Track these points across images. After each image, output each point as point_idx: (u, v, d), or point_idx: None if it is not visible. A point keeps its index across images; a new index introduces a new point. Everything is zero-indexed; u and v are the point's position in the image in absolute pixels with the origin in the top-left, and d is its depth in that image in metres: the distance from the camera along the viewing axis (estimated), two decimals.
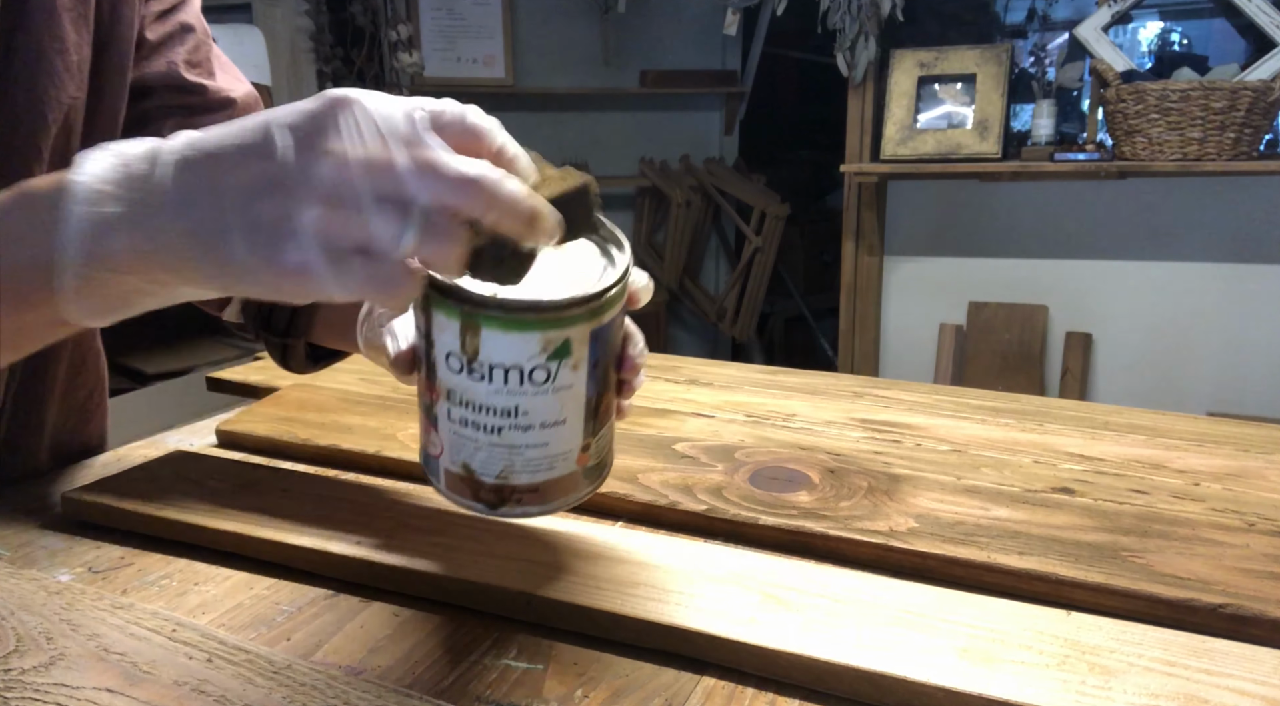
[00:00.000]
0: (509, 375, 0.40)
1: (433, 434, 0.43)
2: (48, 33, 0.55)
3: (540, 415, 0.41)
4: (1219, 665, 0.41)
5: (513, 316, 0.39)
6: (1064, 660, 0.41)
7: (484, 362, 0.39)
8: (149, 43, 0.64)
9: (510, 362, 0.39)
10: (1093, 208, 2.53)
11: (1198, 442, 0.71)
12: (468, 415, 0.41)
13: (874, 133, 2.59)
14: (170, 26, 0.65)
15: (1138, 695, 0.39)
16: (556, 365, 0.40)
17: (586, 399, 0.42)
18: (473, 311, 0.39)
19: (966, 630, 0.44)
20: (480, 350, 0.39)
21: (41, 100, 0.55)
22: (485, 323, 0.39)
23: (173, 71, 0.64)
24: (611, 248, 0.44)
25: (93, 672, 0.40)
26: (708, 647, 0.44)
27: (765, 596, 0.47)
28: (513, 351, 0.39)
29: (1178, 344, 2.52)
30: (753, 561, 0.51)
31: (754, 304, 3.35)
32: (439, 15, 3.29)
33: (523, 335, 0.39)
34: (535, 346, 0.39)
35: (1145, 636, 0.44)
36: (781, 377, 0.90)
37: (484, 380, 0.40)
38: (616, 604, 0.46)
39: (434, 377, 0.41)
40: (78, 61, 0.57)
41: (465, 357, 0.40)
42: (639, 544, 0.53)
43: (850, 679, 0.41)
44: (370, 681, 0.41)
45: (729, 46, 3.55)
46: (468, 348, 0.39)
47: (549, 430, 0.42)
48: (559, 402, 0.41)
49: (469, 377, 0.40)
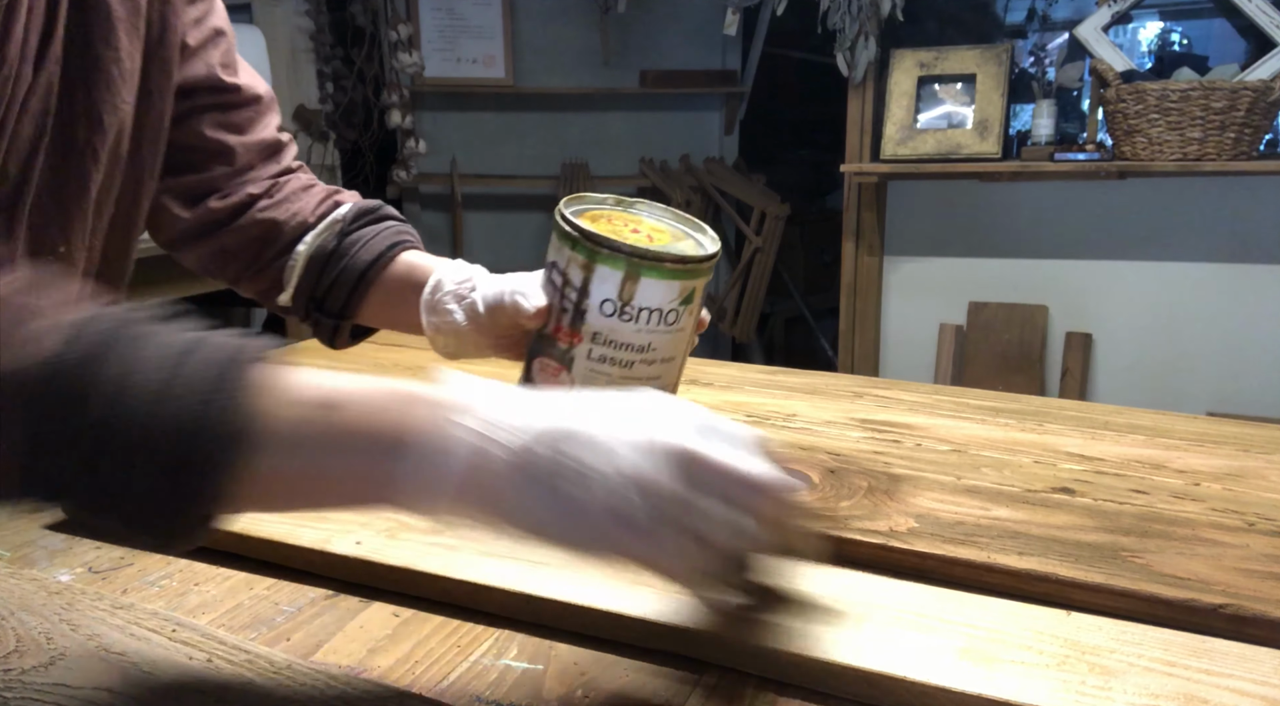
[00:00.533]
0: (652, 316, 0.51)
1: (563, 374, 0.53)
2: (103, 41, 0.58)
3: (662, 351, 0.53)
4: (1219, 665, 0.41)
5: (666, 267, 0.50)
6: (1064, 660, 0.42)
7: (636, 306, 0.51)
8: (189, 47, 0.68)
9: (655, 304, 0.51)
10: (1093, 208, 2.53)
11: (1198, 442, 0.71)
12: (608, 352, 0.52)
13: (874, 133, 2.59)
14: (206, 31, 0.69)
15: (1138, 695, 0.39)
16: (683, 308, 0.52)
17: (689, 341, 0.55)
18: (639, 263, 0.50)
19: (966, 630, 0.44)
20: (635, 295, 0.51)
21: (98, 105, 0.58)
22: (645, 272, 0.50)
23: (211, 74, 0.69)
24: (691, 226, 0.57)
25: (93, 672, 0.40)
26: (708, 647, 0.44)
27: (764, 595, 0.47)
28: (659, 296, 0.51)
29: (1178, 344, 2.52)
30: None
31: (754, 304, 3.35)
32: (439, 15, 3.29)
33: (669, 283, 0.51)
34: (676, 292, 0.51)
35: (1145, 636, 0.44)
36: (781, 377, 0.90)
37: (632, 321, 0.51)
38: (616, 604, 0.46)
39: (580, 323, 0.52)
40: (130, 69, 0.60)
41: (620, 302, 0.51)
42: None
43: (850, 679, 0.41)
44: (370, 681, 0.41)
45: (729, 46, 3.54)
46: (625, 294, 0.51)
47: (664, 365, 0.53)
48: (675, 342, 0.53)
49: (619, 319, 0.51)
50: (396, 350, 1.01)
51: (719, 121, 3.69)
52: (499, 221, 3.60)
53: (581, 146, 3.57)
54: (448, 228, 3.47)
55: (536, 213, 3.59)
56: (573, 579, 0.48)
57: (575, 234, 0.51)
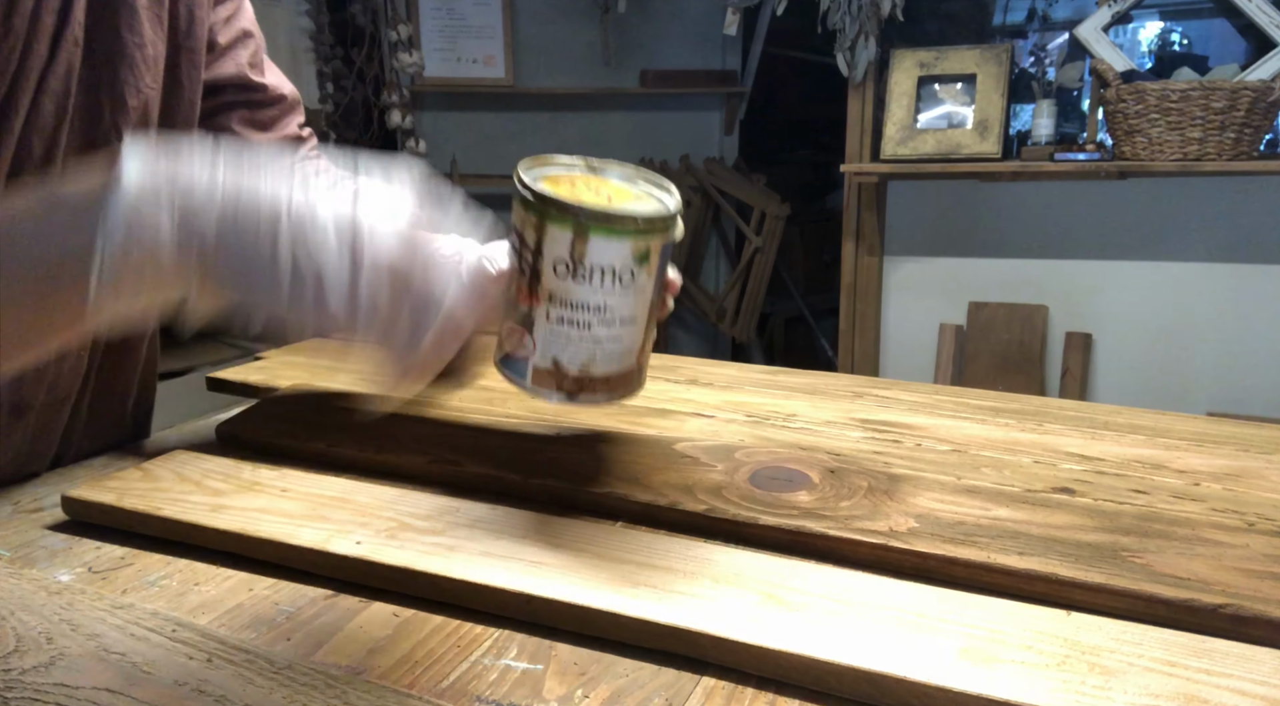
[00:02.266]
0: (605, 276, 0.51)
1: (525, 337, 0.53)
2: (127, 26, 0.62)
3: (620, 310, 0.52)
4: (1219, 665, 0.41)
5: (614, 225, 0.50)
6: (1064, 660, 0.41)
7: (588, 265, 0.50)
8: (219, 46, 0.72)
9: (608, 263, 0.50)
10: (1093, 208, 2.53)
11: (1198, 442, 0.71)
12: (565, 313, 0.52)
13: (874, 133, 2.59)
14: (235, 32, 0.74)
15: (1138, 695, 0.39)
16: (639, 268, 0.51)
17: (650, 303, 0.54)
18: (586, 221, 0.49)
19: (967, 630, 0.44)
20: (587, 254, 0.50)
21: (121, 86, 0.63)
22: (594, 230, 0.50)
23: (240, 72, 0.74)
24: (658, 188, 0.57)
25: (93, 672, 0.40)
26: (708, 647, 0.44)
27: (765, 596, 0.47)
28: (611, 254, 0.50)
29: (1178, 344, 2.52)
30: (753, 561, 0.51)
31: (754, 304, 3.35)
32: (439, 15, 3.29)
33: (620, 241, 0.50)
34: (628, 250, 0.51)
35: (1145, 636, 0.44)
36: (781, 377, 0.90)
37: (585, 280, 0.51)
38: (616, 604, 0.46)
39: (538, 285, 0.52)
40: (153, 55, 0.65)
41: (573, 262, 0.50)
42: (639, 544, 0.53)
43: (850, 679, 0.41)
44: (370, 681, 0.41)
45: (729, 46, 3.54)
46: (575, 253, 0.50)
47: (625, 327, 0.53)
48: (635, 302, 0.53)
49: (572, 280, 0.51)
50: None
51: (719, 121, 3.69)
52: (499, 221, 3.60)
53: (581, 146, 3.56)
54: None
55: None
56: (573, 579, 0.48)
57: (527, 194, 0.51)
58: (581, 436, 0.70)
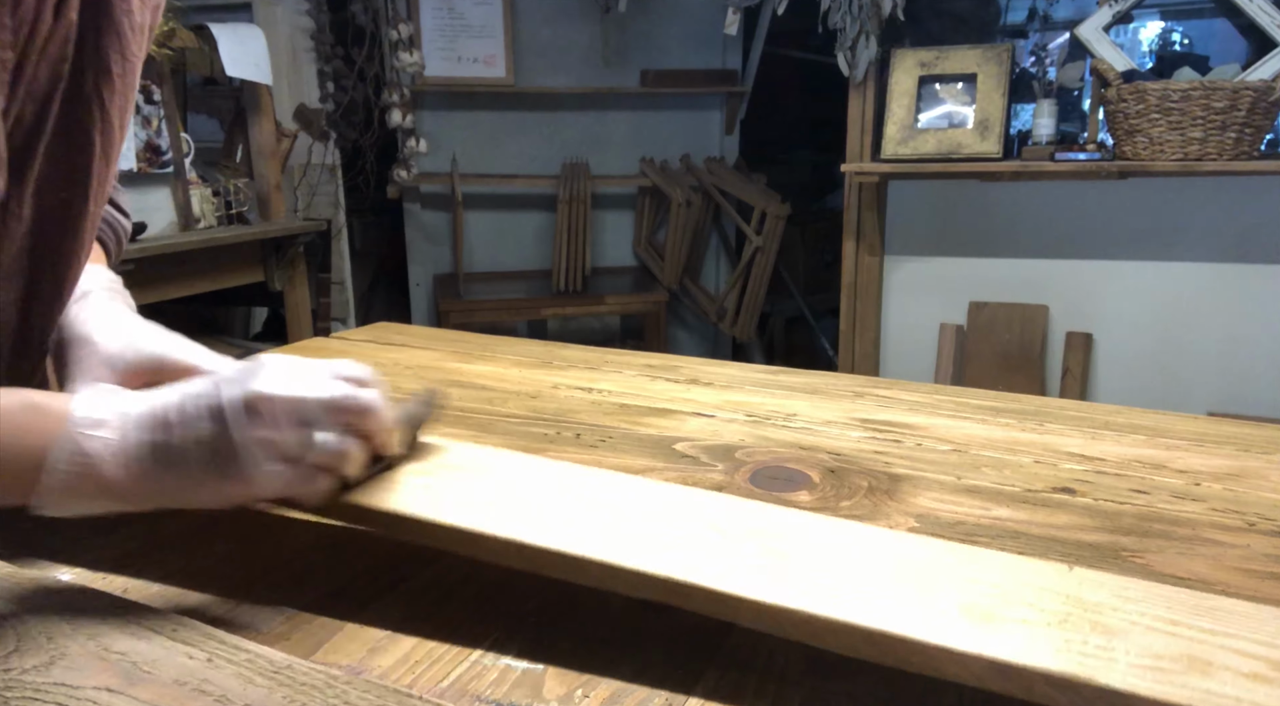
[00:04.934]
0: None
1: None
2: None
3: None
4: (1223, 624, 0.40)
5: None
6: (1066, 618, 0.40)
7: None
8: None
9: None
10: (1093, 208, 2.53)
11: (1198, 442, 0.71)
12: None
13: (875, 132, 2.59)
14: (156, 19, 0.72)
15: (1140, 656, 0.38)
16: None
17: None
18: None
19: (967, 586, 0.42)
20: None
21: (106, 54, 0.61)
22: None
23: None
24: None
25: (93, 672, 0.40)
26: (703, 601, 0.43)
27: (764, 548, 0.45)
28: None
29: (1178, 344, 2.52)
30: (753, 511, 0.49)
31: (754, 304, 3.35)
32: (440, 14, 3.29)
33: None
34: None
35: (1149, 593, 0.42)
36: (782, 377, 0.90)
37: None
38: (608, 555, 0.45)
39: None
40: (140, 24, 0.63)
41: None
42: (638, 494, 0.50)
43: (849, 635, 0.40)
44: (370, 681, 0.41)
45: (729, 46, 3.55)
46: None
47: None
48: None
49: None
50: (396, 349, 1.01)
51: (719, 121, 3.69)
52: (499, 221, 3.60)
53: (581, 146, 3.57)
54: (448, 227, 3.47)
55: (536, 212, 3.59)
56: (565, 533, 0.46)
57: None
58: (581, 436, 0.70)
